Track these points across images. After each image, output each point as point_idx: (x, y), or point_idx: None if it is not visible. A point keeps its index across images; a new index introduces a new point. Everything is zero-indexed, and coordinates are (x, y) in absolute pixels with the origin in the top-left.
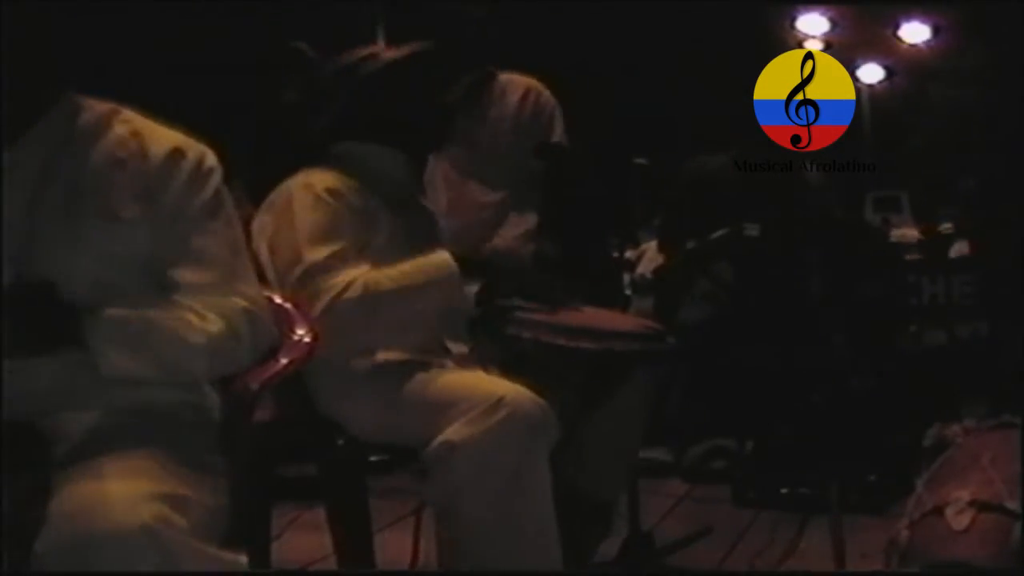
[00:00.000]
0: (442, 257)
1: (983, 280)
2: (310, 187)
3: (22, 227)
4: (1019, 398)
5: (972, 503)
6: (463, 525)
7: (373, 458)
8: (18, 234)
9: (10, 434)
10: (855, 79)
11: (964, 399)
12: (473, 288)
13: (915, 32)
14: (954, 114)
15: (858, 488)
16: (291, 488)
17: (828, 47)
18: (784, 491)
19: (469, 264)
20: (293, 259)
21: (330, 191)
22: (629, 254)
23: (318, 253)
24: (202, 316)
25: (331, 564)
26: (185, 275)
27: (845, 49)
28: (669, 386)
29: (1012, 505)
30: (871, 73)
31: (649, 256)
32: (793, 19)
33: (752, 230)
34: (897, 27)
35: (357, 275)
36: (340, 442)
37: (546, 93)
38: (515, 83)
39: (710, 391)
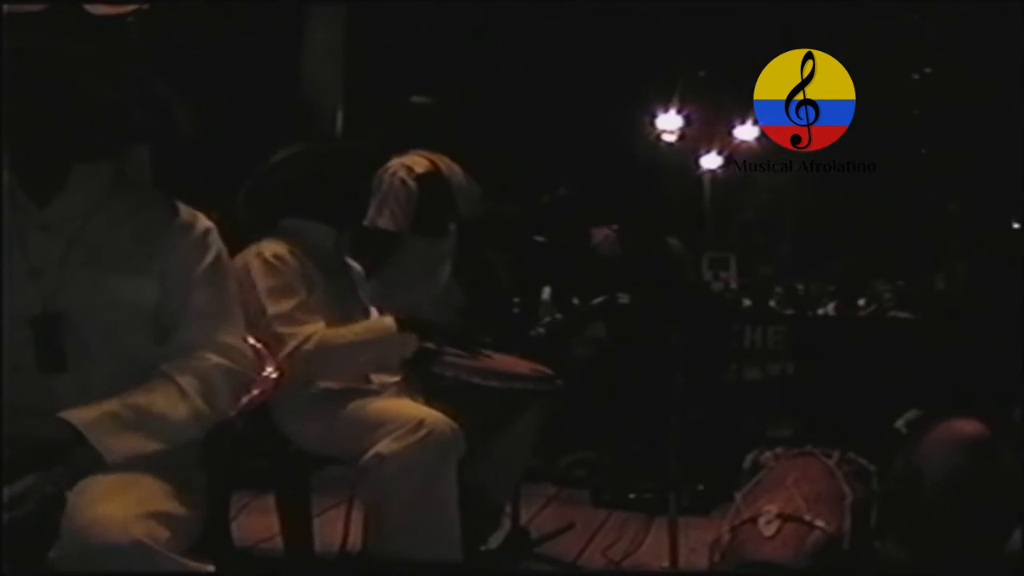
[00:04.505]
0: (386, 321)
1: (791, 329)
2: (260, 255)
3: (53, 274)
4: (821, 429)
5: (779, 515)
6: (388, 518)
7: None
8: (50, 279)
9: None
10: (699, 167)
11: (773, 424)
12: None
13: (747, 131)
14: (775, 194)
15: (690, 495)
16: (246, 478)
17: (682, 139)
18: (632, 496)
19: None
20: (258, 312)
21: (277, 256)
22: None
23: (280, 306)
24: (182, 391)
25: (278, 544)
26: (181, 328)
27: (693, 142)
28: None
29: (810, 517)
30: (713, 161)
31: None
32: (653, 117)
33: (624, 298)
34: (733, 127)
35: (314, 331)
36: (290, 449)
37: (401, 172)
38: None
39: (579, 414)
